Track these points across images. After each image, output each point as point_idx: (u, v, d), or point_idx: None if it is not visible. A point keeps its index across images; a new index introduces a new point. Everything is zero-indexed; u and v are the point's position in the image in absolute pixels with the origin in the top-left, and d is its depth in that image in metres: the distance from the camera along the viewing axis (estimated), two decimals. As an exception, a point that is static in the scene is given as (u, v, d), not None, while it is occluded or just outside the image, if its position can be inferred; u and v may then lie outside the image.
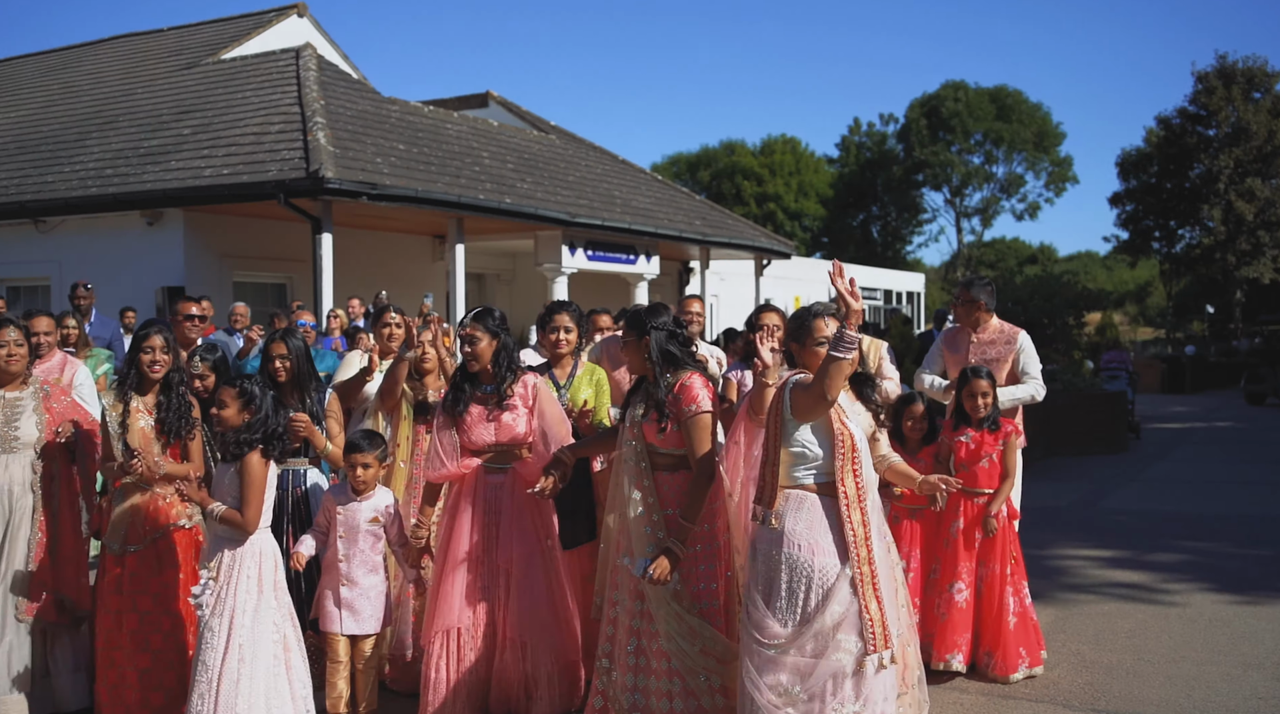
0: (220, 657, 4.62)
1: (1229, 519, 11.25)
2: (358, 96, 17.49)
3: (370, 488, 5.32)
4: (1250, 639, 6.83)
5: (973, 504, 6.19)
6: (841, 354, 4.10)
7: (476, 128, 19.78)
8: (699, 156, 68.05)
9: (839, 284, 4.12)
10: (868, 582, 4.29)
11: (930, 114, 61.70)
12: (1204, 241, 46.23)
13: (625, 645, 4.76)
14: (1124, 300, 77.93)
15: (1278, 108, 45.33)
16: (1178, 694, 5.82)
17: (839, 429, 4.33)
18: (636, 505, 4.75)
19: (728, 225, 23.13)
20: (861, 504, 4.34)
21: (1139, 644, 6.77)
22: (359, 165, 14.39)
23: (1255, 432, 21.71)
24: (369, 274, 16.62)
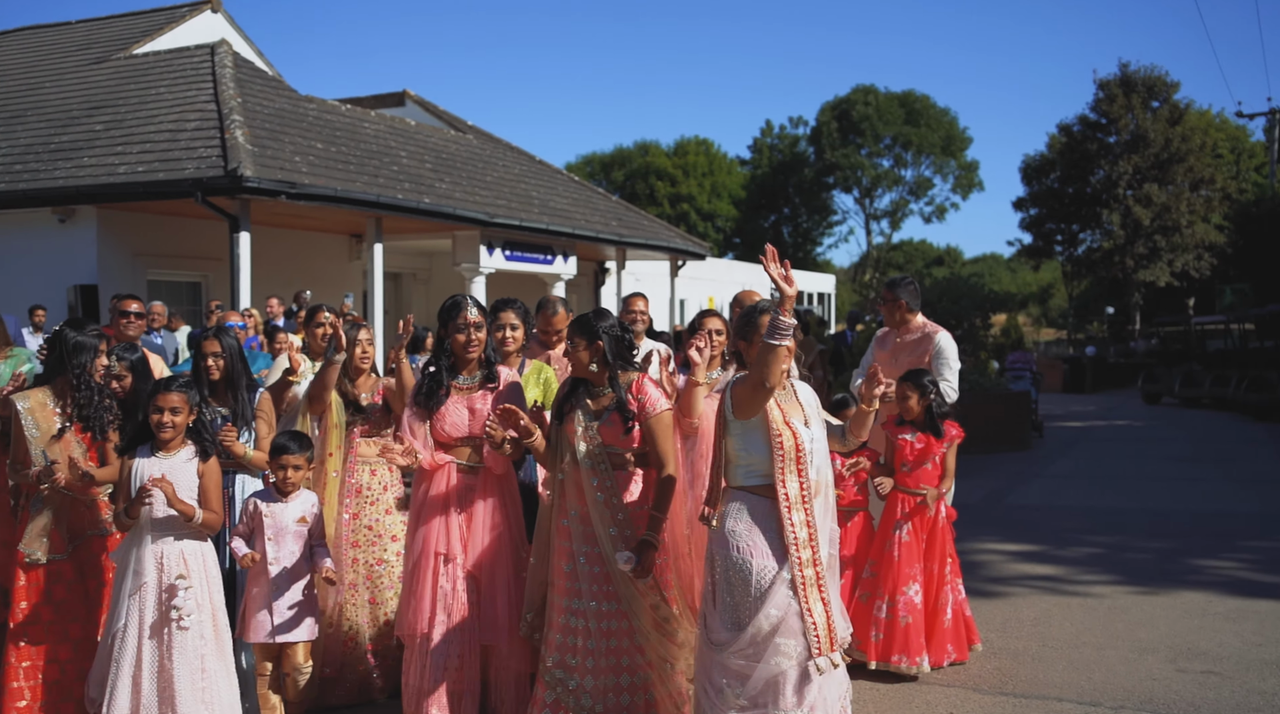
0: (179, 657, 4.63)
1: (1127, 513, 11.74)
2: (274, 94, 17.38)
3: (297, 490, 5.24)
4: (1146, 625, 7.20)
5: (915, 506, 6.29)
6: (776, 341, 4.06)
7: (394, 127, 19.74)
8: (613, 157, 68.23)
9: (772, 270, 4.05)
10: (811, 584, 4.26)
11: (841, 117, 62.62)
12: (1104, 245, 47.50)
13: (591, 648, 4.67)
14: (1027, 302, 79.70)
15: (1174, 116, 46.73)
16: (1078, 677, 6.14)
17: (777, 430, 4.28)
18: (600, 507, 4.70)
19: (644, 226, 23.34)
20: (806, 505, 4.30)
21: (1043, 631, 7.11)
22: (277, 164, 14.33)
23: (1152, 430, 22.51)
24: (286, 273, 16.54)
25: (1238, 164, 53.76)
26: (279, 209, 14.85)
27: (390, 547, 5.84)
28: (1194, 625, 7.18)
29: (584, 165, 67.66)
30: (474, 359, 5.12)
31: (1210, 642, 6.80)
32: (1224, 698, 5.76)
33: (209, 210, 13.98)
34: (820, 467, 4.44)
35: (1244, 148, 56.01)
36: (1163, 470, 15.35)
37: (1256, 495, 12.81)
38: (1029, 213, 50.61)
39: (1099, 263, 48.40)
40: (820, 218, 67.16)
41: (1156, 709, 5.61)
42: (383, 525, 5.87)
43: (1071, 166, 48.39)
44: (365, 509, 5.86)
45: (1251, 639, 6.84)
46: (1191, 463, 16.19)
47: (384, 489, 5.92)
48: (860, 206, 66.23)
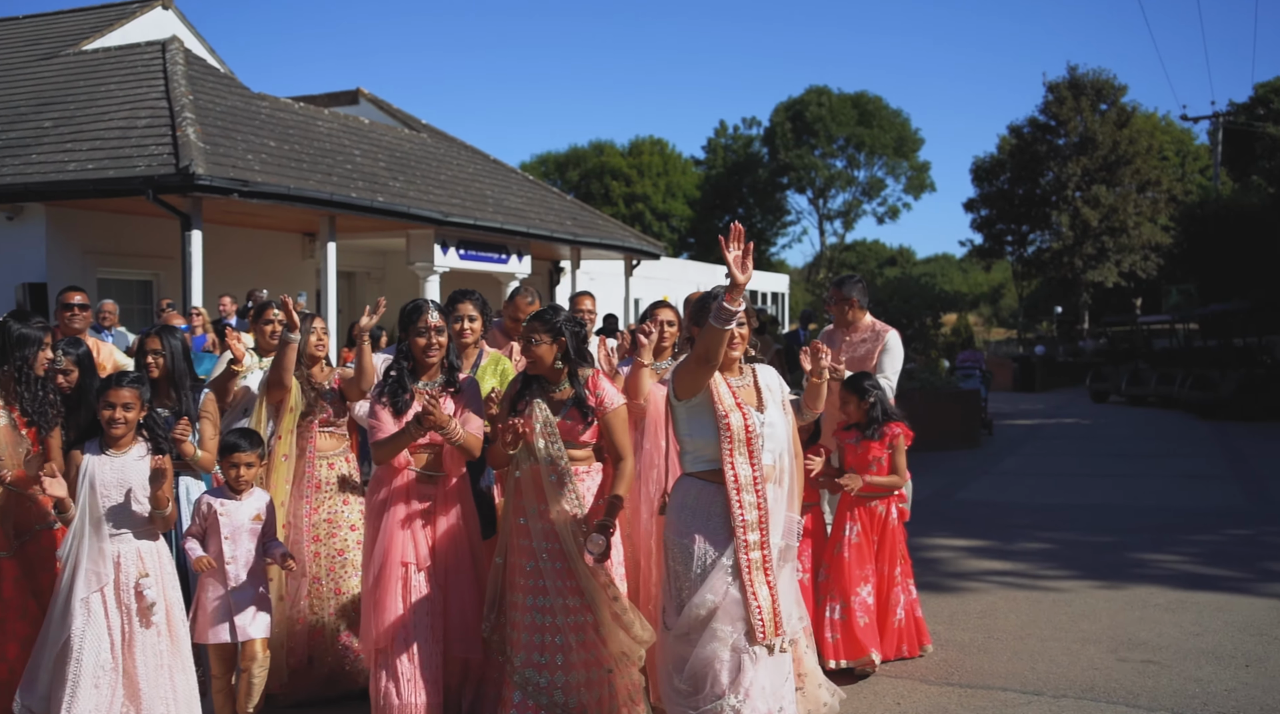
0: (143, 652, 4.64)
1: (1073, 509, 11.95)
2: (226, 92, 17.28)
3: (250, 488, 5.18)
4: (1089, 617, 7.37)
5: (865, 508, 6.35)
6: (719, 324, 4.05)
7: (348, 125, 19.68)
8: (568, 156, 68.28)
9: (729, 254, 3.99)
10: (757, 567, 4.25)
11: (794, 118, 63.04)
12: (1053, 246, 48.10)
13: (560, 644, 4.70)
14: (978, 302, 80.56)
15: (1122, 119, 47.39)
16: (1023, 667, 6.28)
17: (724, 412, 4.27)
18: (560, 502, 4.72)
19: (598, 226, 23.40)
20: (757, 488, 4.29)
21: (989, 624, 7.26)
22: (230, 162, 14.26)
23: (1099, 428, 22.87)
24: (239, 272, 16.44)
25: (1183, 166, 54.65)
26: (231, 207, 14.77)
27: (350, 536, 5.85)
28: (1135, 617, 7.35)
29: (539, 165, 67.65)
30: (435, 363, 5.10)
31: (1150, 632, 6.97)
32: (1162, 686, 5.91)
33: (160, 208, 13.89)
34: (780, 453, 4.45)
35: (1189, 150, 56.97)
36: (1108, 467, 15.63)
37: (1199, 491, 13.08)
38: (979, 214, 51.11)
39: (1048, 263, 48.99)
40: (774, 218, 67.57)
41: (1097, 698, 5.76)
42: (341, 516, 5.88)
43: (1021, 168, 48.93)
44: (324, 503, 5.87)
45: (1190, 629, 7.02)
46: (1136, 460, 16.48)
47: (341, 480, 5.95)
48: (814, 207, 66.83)
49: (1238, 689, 5.85)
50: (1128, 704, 5.66)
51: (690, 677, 4.28)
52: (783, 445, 4.48)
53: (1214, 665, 6.26)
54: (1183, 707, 5.60)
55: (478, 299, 5.86)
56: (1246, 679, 6.01)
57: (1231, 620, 7.22)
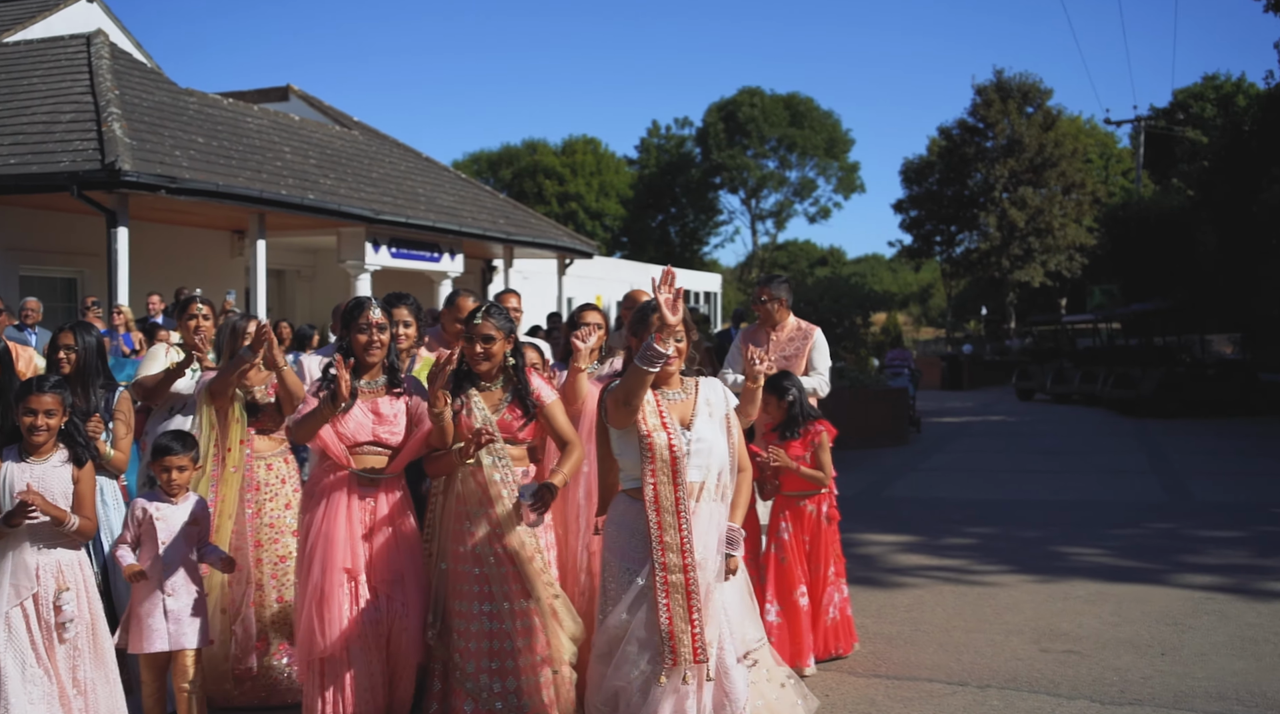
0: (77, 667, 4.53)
1: (999, 504, 12.20)
2: (153, 86, 17.05)
3: (185, 492, 5.00)
4: (1013, 609, 7.54)
5: (794, 508, 6.32)
6: (644, 366, 4.04)
7: (278, 122, 19.50)
8: (501, 154, 68.06)
9: (659, 295, 4.00)
10: (677, 590, 4.13)
11: (727, 119, 63.35)
12: (980, 247, 48.87)
13: (509, 649, 4.67)
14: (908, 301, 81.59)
15: (1048, 122, 48.29)
16: (948, 659, 6.42)
17: (646, 432, 4.22)
18: (506, 502, 4.69)
19: (531, 224, 23.41)
20: (679, 510, 4.19)
21: (916, 617, 7.39)
22: (157, 158, 14.08)
23: (1024, 425, 23.32)
24: (166, 270, 16.24)
25: (1106, 169, 55.80)
26: (158, 204, 14.60)
27: (291, 542, 5.70)
28: (1057, 609, 7.53)
29: (471, 163, 67.33)
30: (376, 362, 4.98)
31: (1071, 623, 7.14)
32: (1082, 675, 6.08)
33: (85, 205, 13.69)
34: (718, 470, 4.36)
35: (1112, 154, 58.15)
36: (1033, 463, 15.95)
37: (1120, 487, 13.40)
38: (909, 214, 51.78)
39: (976, 263, 49.77)
40: (707, 218, 67.85)
41: (1019, 687, 5.90)
42: (283, 521, 5.78)
43: (950, 169, 49.64)
44: (265, 505, 5.75)
45: (1109, 620, 7.21)
46: (1060, 456, 16.84)
47: (281, 483, 5.84)
48: (746, 207, 67.15)
49: (1153, 677, 6.02)
50: (1049, 693, 5.80)
51: (607, 697, 4.25)
52: (721, 462, 4.38)
53: (1132, 654, 6.44)
54: (1101, 694, 5.76)
55: (413, 304, 5.80)
56: (1162, 667, 6.19)
57: (1149, 611, 7.42)
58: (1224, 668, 6.17)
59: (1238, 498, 12.31)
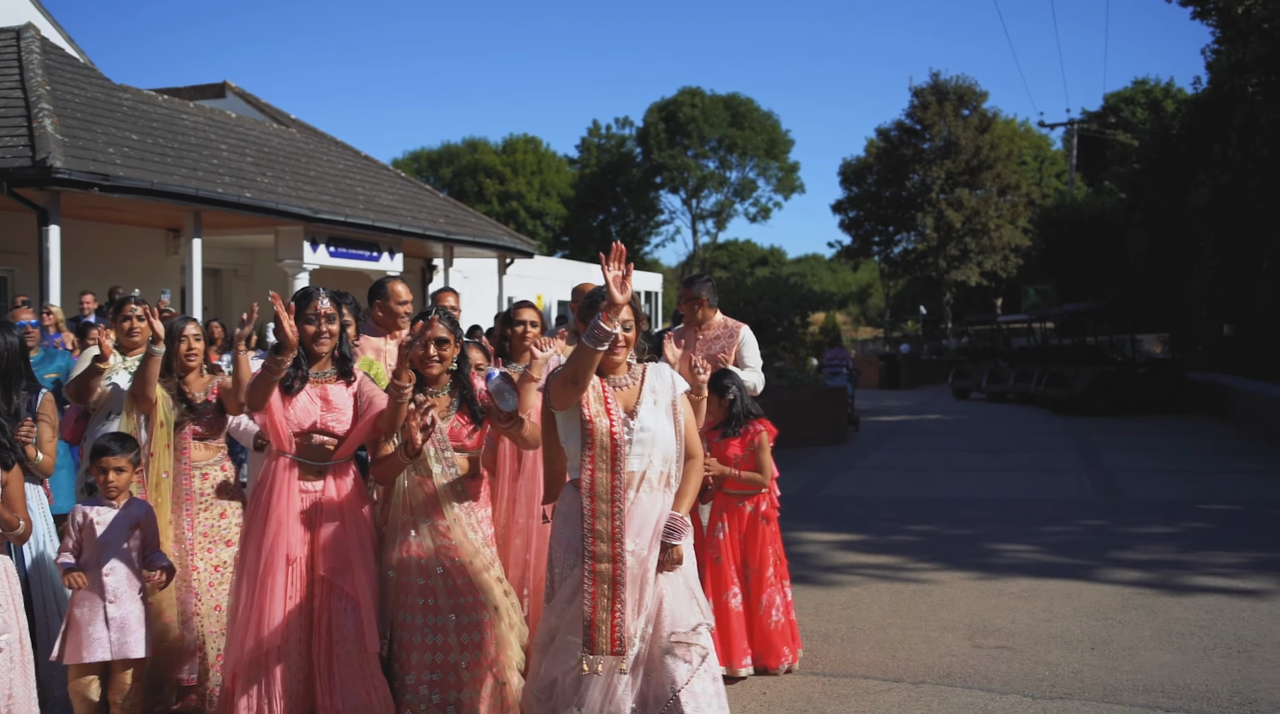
0: None
1: (935, 502, 12.37)
2: (86, 82, 16.78)
3: (124, 495, 4.88)
4: (947, 606, 7.66)
5: (732, 508, 6.24)
6: (591, 344, 3.98)
7: (214, 119, 19.27)
8: (441, 153, 67.73)
9: (607, 273, 3.94)
10: (605, 579, 4.11)
11: (668, 119, 63.50)
12: (918, 247, 49.43)
13: (454, 662, 4.59)
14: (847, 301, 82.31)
15: (983, 124, 48.98)
16: (883, 656, 6.52)
17: (588, 417, 4.16)
18: (456, 511, 4.64)
19: (471, 223, 23.33)
20: (614, 498, 4.15)
21: (853, 614, 7.49)
22: (89, 155, 13.88)
23: (960, 424, 23.64)
24: (100, 268, 16.01)
25: (1040, 171, 56.69)
26: (91, 202, 14.39)
27: (227, 551, 5.60)
28: (991, 605, 7.67)
29: (411, 162, 66.95)
30: (325, 352, 4.79)
31: (1005, 619, 7.28)
32: (1014, 670, 6.20)
33: (16, 202, 13.45)
34: (665, 458, 4.29)
35: (1046, 156, 59.08)
36: (968, 461, 16.19)
37: (1052, 484, 13.65)
38: (848, 215, 52.24)
39: (914, 264, 50.33)
40: (648, 217, 67.99)
41: (953, 683, 6.01)
42: (218, 530, 5.63)
43: (888, 171, 50.16)
44: (199, 515, 5.60)
45: (1041, 616, 7.35)
46: (994, 454, 17.11)
47: (216, 492, 5.69)
48: (687, 207, 67.31)
49: (1083, 671, 6.16)
50: (982, 689, 5.91)
51: (544, 685, 4.24)
52: (666, 450, 4.31)
53: (1062, 649, 6.58)
54: (1032, 689, 5.88)
55: (352, 303, 5.60)
56: (1092, 661, 6.33)
57: (1079, 606, 7.58)
58: (1150, 661, 6.32)
59: (1166, 495, 12.58)
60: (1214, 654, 6.45)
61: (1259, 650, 6.50)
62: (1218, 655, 6.42)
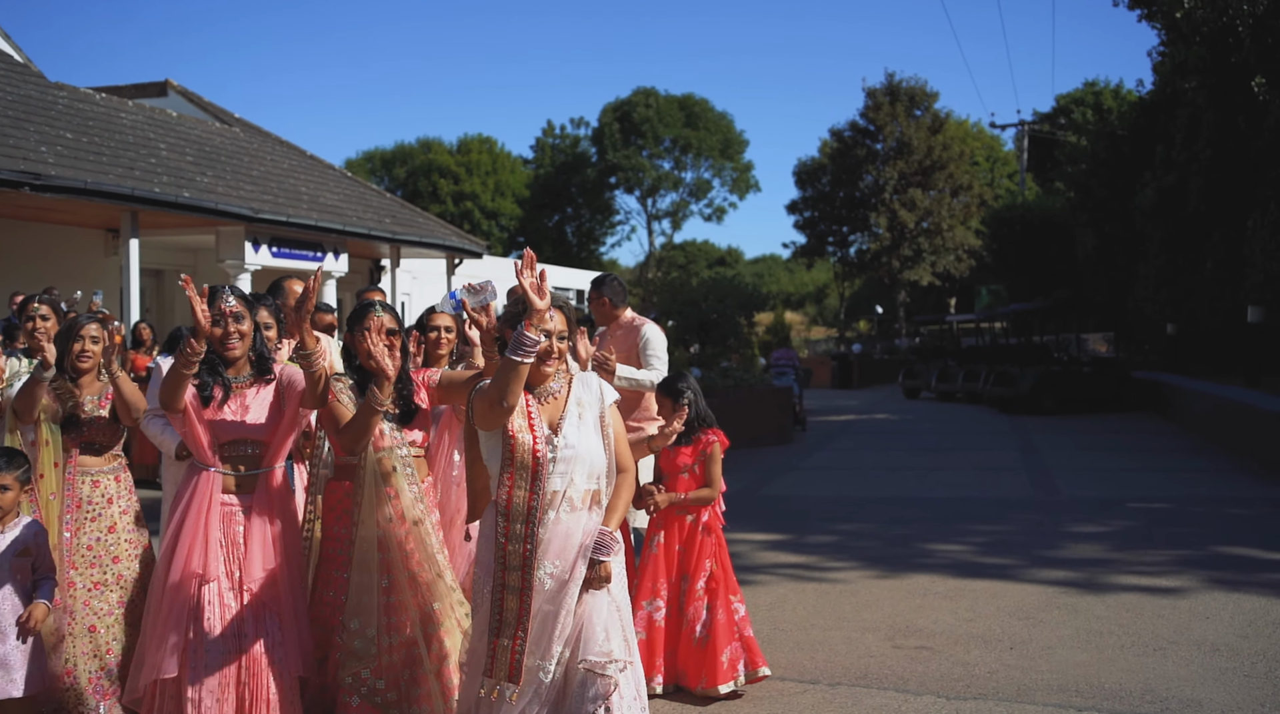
0: None
1: (871, 501, 12.40)
2: (20, 80, 16.53)
3: (11, 515, 4.51)
4: (872, 606, 7.66)
5: (675, 517, 5.87)
6: (519, 357, 3.76)
7: (154, 117, 19.03)
8: (395, 153, 67.38)
9: (523, 279, 3.76)
10: (511, 609, 3.96)
11: (622, 119, 63.49)
12: (872, 247, 49.74)
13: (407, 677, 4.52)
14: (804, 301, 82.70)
15: (936, 125, 49.36)
16: (803, 657, 6.50)
17: (511, 432, 3.95)
18: (415, 511, 4.58)
19: (418, 224, 23.17)
20: (530, 520, 3.94)
21: (777, 615, 7.47)
22: (20, 154, 13.65)
23: (908, 423, 23.76)
24: (35, 269, 15.73)
25: (992, 172, 57.16)
26: (25, 202, 14.15)
27: (111, 569, 5.12)
28: (915, 605, 7.68)
29: (365, 162, 66.61)
30: (239, 355, 4.57)
31: (927, 619, 7.29)
32: (930, 670, 6.20)
33: (-57, 202, 13.24)
34: (581, 475, 4.06)
35: (998, 157, 59.58)
36: (910, 461, 16.24)
37: (990, 483, 13.73)
38: (802, 215, 52.47)
39: (868, 264, 50.63)
40: (603, 217, 67.95)
41: (869, 684, 6.00)
42: (104, 545, 5.14)
43: (842, 171, 50.44)
44: (85, 525, 5.13)
45: (964, 616, 7.37)
46: (936, 453, 17.19)
47: (108, 502, 5.20)
48: (642, 206, 67.32)
49: (999, 671, 6.17)
50: (897, 689, 5.91)
51: (467, 707, 4.14)
52: (594, 466, 4.09)
53: (981, 649, 6.59)
54: (947, 690, 5.88)
55: (273, 306, 5.47)
56: (1009, 661, 6.35)
57: (1003, 606, 7.61)
58: (1067, 660, 6.35)
59: (1102, 493, 12.67)
60: (1130, 652, 6.49)
61: (1174, 649, 6.54)
62: (1133, 654, 6.46)
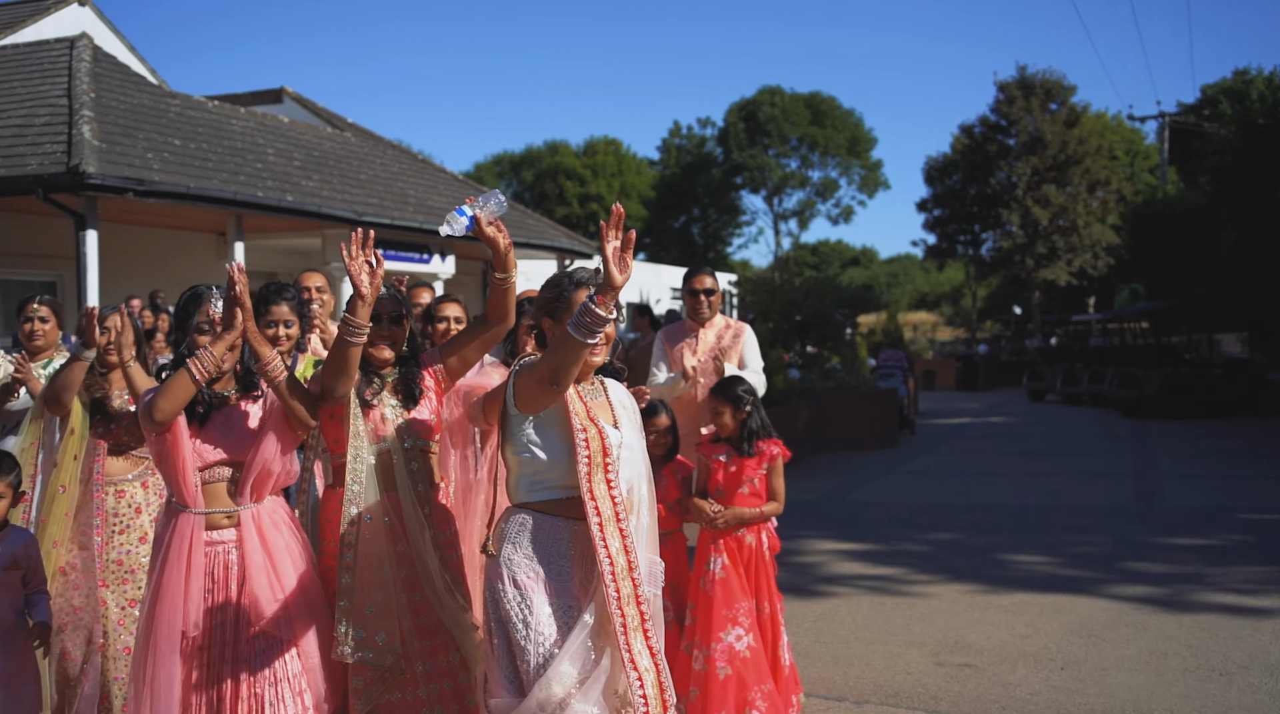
0: None
1: (960, 508, 11.96)
2: (134, 89, 17.05)
3: (4, 527, 4.21)
4: (924, 620, 7.32)
5: (732, 536, 5.23)
6: (580, 335, 3.22)
7: (264, 124, 19.47)
8: (523, 156, 68.08)
9: (607, 246, 3.21)
10: (635, 628, 3.36)
11: (748, 118, 62.97)
12: (1004, 245, 48.35)
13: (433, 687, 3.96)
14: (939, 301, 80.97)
15: (1071, 119, 47.72)
16: (835, 673, 6.22)
17: (581, 426, 3.42)
18: (417, 513, 3.99)
19: (528, 226, 23.28)
20: (620, 525, 3.41)
21: (822, 627, 7.19)
22: (126, 160, 14.04)
23: (1023, 426, 22.97)
24: (146, 272, 16.21)
25: (1132, 166, 55.08)
26: (132, 207, 14.55)
27: (145, 582, 4.48)
28: (972, 619, 7.31)
29: (494, 165, 67.46)
30: (226, 369, 4.04)
31: (980, 635, 6.92)
32: (967, 690, 5.87)
33: (53, 208, 13.68)
34: (635, 480, 3.62)
35: (1139, 150, 57.40)
36: (1014, 466, 15.64)
37: (1090, 490, 13.11)
38: (932, 213, 51.34)
39: (1000, 263, 49.24)
40: (729, 218, 67.51)
41: (899, 703, 5.71)
42: (135, 558, 4.90)
43: (973, 168, 49.15)
44: (113, 539, 4.87)
45: (1021, 632, 6.98)
46: (1043, 458, 16.53)
47: (136, 512, 4.96)
48: (768, 206, 66.68)
49: (1042, 693, 5.81)
50: (927, 709, 5.61)
51: None
52: (638, 471, 3.65)
53: (1029, 668, 6.23)
54: (981, 711, 5.56)
55: (294, 299, 4.80)
56: (1055, 682, 5.97)
57: (1066, 622, 7.19)
58: (1119, 683, 5.95)
59: (1210, 502, 11.96)
60: (1192, 676, 6.05)
61: (1243, 674, 6.07)
62: (1195, 678, 6.02)
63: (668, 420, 5.39)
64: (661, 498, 5.14)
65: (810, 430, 16.91)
